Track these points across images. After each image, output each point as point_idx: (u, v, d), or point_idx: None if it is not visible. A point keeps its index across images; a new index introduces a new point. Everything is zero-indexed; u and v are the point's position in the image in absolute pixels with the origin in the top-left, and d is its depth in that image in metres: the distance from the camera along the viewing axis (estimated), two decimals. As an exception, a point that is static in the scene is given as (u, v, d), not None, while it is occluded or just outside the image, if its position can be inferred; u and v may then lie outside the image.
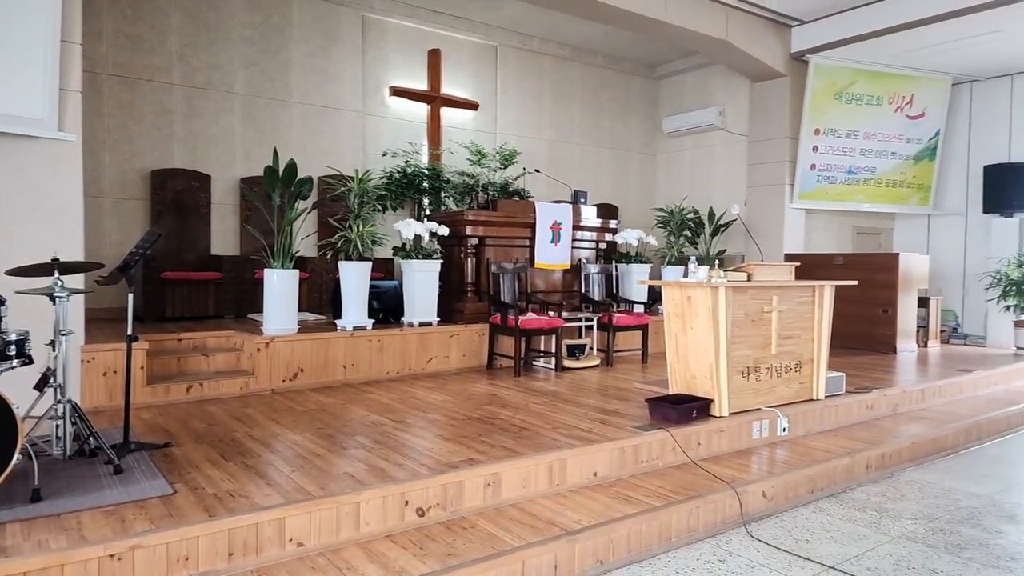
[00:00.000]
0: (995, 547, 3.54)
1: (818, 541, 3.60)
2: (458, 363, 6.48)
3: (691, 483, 3.89)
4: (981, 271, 8.76)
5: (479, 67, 9.30)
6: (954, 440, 5.26)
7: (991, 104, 9.25)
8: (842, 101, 8.86)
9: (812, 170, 8.95)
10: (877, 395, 5.58)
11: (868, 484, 4.47)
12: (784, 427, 4.82)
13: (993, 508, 4.08)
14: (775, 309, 4.91)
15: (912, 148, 9.27)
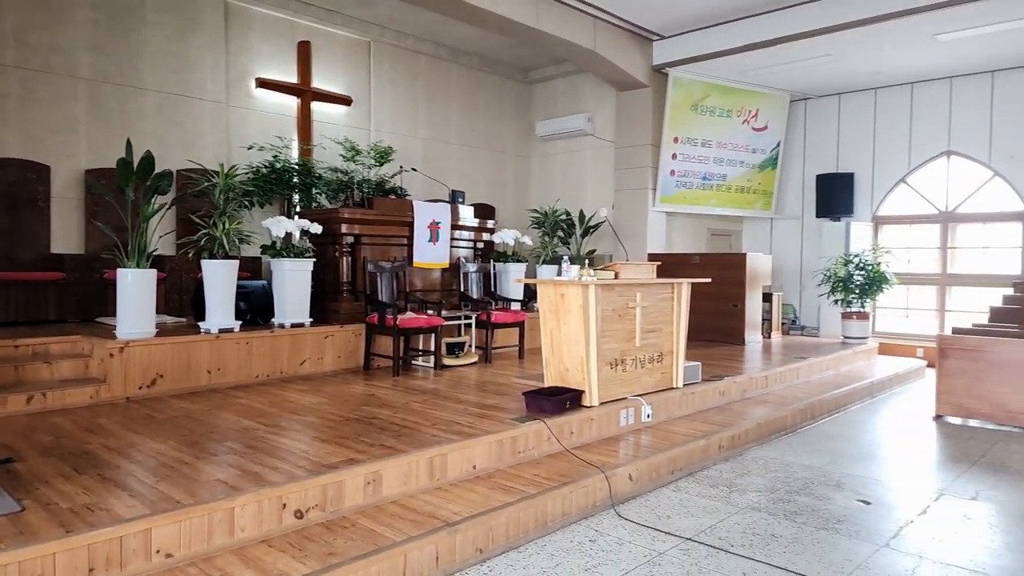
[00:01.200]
0: (825, 512, 4.03)
1: (678, 516, 3.92)
2: (334, 364, 6.34)
3: (565, 470, 4.09)
4: (814, 269, 9.83)
5: (352, 62, 9.13)
6: (792, 420, 5.90)
7: (822, 119, 10.41)
8: (698, 113, 9.60)
9: (672, 176, 9.63)
10: (728, 382, 6.13)
11: (720, 463, 4.92)
12: (648, 414, 5.18)
13: (823, 478, 4.63)
14: (639, 305, 5.25)
15: (757, 158, 10.23)
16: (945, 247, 9.52)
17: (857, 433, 5.84)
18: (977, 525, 3.84)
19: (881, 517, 3.95)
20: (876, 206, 9.93)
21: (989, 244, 9.23)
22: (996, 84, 8.85)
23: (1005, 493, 4.36)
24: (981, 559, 3.41)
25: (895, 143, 9.70)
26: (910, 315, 9.93)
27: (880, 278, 8.85)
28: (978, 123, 8.99)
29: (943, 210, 9.47)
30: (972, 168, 9.14)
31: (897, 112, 9.67)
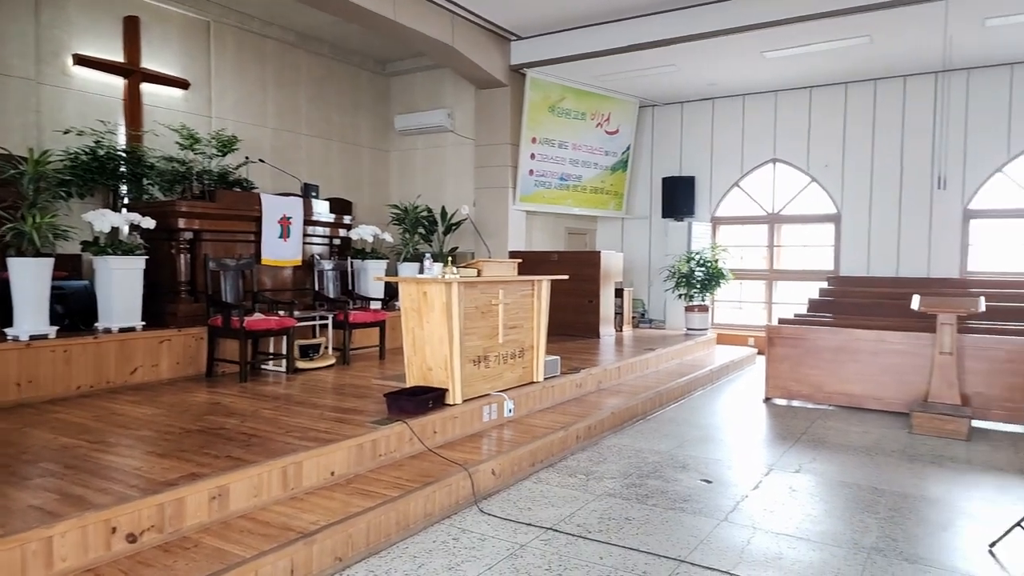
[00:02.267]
0: (672, 492, 4.29)
1: (539, 507, 3.99)
2: (171, 372, 5.80)
3: (428, 470, 4.02)
4: (661, 266, 10.49)
5: (190, 43, 8.40)
6: (643, 408, 6.23)
7: (667, 125, 11.12)
8: (555, 114, 9.88)
9: (531, 175, 9.84)
10: (585, 374, 6.36)
11: (578, 452, 5.08)
12: (510, 409, 5.24)
13: (671, 461, 4.93)
14: (501, 302, 5.29)
15: (609, 160, 10.72)
16: (772, 245, 10.54)
17: (700, 417, 6.29)
18: (801, 496, 4.26)
19: (721, 494, 4.26)
20: (714, 208, 10.79)
21: (808, 243, 10.34)
22: (813, 99, 9.92)
23: (823, 465, 4.88)
24: (804, 526, 3.78)
25: (729, 150, 10.59)
26: (743, 307, 10.89)
27: (718, 274, 9.62)
28: (798, 134, 10.04)
29: (770, 212, 10.48)
30: (794, 174, 10.19)
31: (731, 121, 10.56)
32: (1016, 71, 8.62)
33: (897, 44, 7.97)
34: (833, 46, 8.05)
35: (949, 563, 3.33)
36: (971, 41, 7.79)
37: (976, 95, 8.85)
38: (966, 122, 8.92)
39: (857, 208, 9.66)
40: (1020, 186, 8.79)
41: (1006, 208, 8.87)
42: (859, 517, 3.90)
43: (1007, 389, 5.88)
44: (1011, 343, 5.97)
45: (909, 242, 9.32)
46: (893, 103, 9.35)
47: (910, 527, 3.76)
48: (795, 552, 3.44)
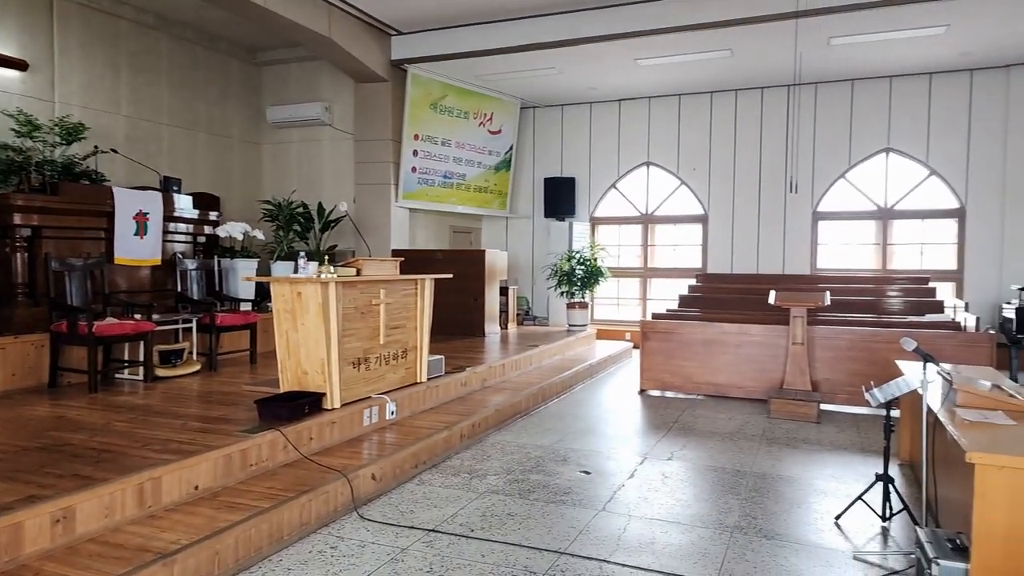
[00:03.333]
0: (554, 486, 4.36)
1: (421, 509, 3.93)
2: (6, 383, 5.18)
3: (304, 478, 3.84)
4: (544, 264, 10.70)
5: (27, 19, 7.53)
6: (527, 404, 6.32)
7: (549, 127, 11.36)
8: (437, 112, 9.81)
9: (414, 173, 9.70)
10: (469, 373, 6.35)
11: (462, 451, 5.06)
12: (392, 411, 5.12)
13: (553, 455, 5.02)
14: (383, 302, 5.16)
15: (493, 159, 10.80)
16: (646, 245, 11.05)
17: (581, 411, 6.46)
18: (672, 482, 4.48)
19: (599, 485, 4.39)
20: (593, 208, 11.15)
21: (679, 242, 10.93)
22: (682, 106, 10.49)
23: (693, 451, 5.16)
24: (676, 511, 3.97)
25: (607, 152, 10.98)
26: (621, 304, 11.34)
27: (597, 272, 9.95)
28: (669, 139, 10.58)
29: (644, 213, 10.97)
30: (665, 177, 10.73)
31: (608, 125, 10.95)
32: (856, 86, 9.56)
33: (754, 58, 8.60)
34: (699, 57, 8.55)
35: (802, 536, 3.61)
36: (818, 57, 8.55)
37: (823, 107, 9.73)
38: (814, 132, 9.78)
39: (722, 209, 10.33)
40: (859, 191, 9.76)
41: (848, 211, 9.82)
42: (724, 499, 4.15)
43: (850, 375, 6.50)
44: (853, 333, 6.61)
45: (767, 241, 10.10)
46: (752, 112, 10.09)
47: (768, 505, 4.05)
48: (667, 536, 3.61)
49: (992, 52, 8.27)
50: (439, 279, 5.90)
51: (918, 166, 9.39)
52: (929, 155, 9.27)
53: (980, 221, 9.05)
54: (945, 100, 9.15)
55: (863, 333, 6.57)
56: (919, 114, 9.28)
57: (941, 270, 9.37)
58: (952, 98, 9.12)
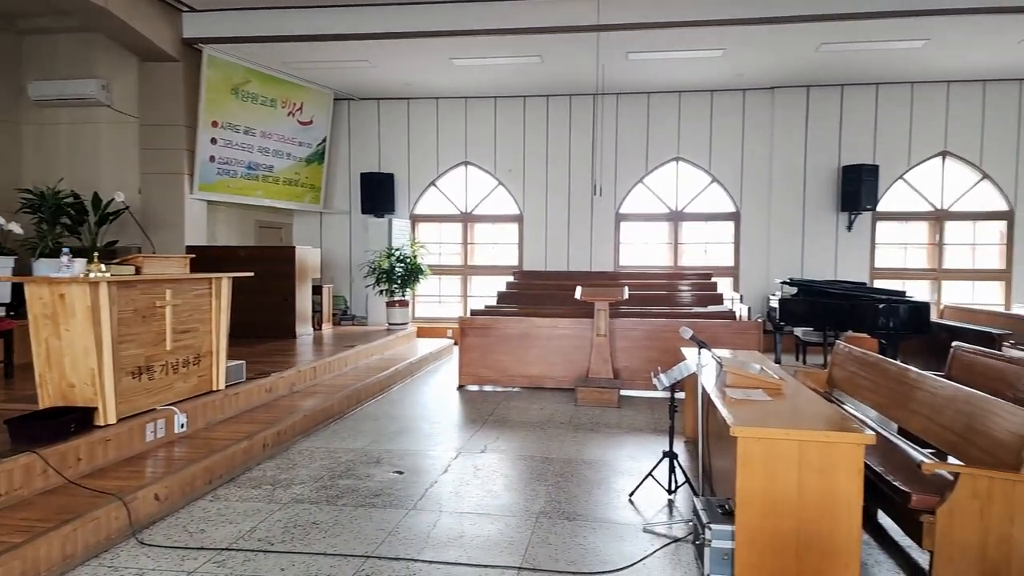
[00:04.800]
0: (364, 489, 4.22)
1: (214, 527, 3.59)
2: None
3: (68, 505, 3.35)
4: (362, 262, 10.40)
5: None
6: (340, 407, 6.07)
7: (365, 121, 11.05)
8: (238, 97, 9.10)
9: (212, 162, 8.92)
10: (275, 378, 5.96)
11: (266, 461, 4.73)
12: (183, 423, 4.65)
13: (365, 458, 4.87)
14: (169, 303, 4.66)
15: (304, 151, 10.27)
16: (466, 243, 11.17)
17: (398, 410, 6.35)
18: (484, 474, 4.54)
19: (412, 484, 4.33)
20: (413, 205, 11.06)
21: (497, 240, 11.18)
22: (498, 107, 10.75)
23: (506, 443, 5.28)
24: (486, 502, 4.03)
25: (426, 149, 10.95)
26: (442, 301, 11.36)
27: (417, 270, 9.88)
28: (486, 139, 10.79)
29: (463, 211, 11.09)
30: (483, 177, 10.93)
31: (427, 122, 10.91)
32: (652, 98, 10.42)
33: (562, 66, 9.04)
34: (512, 61, 8.81)
35: (600, 515, 3.83)
36: (618, 70, 9.19)
37: (624, 116, 10.49)
38: (616, 139, 10.52)
39: (536, 209, 10.76)
40: (655, 195, 10.67)
41: (646, 213, 10.70)
42: (532, 486, 4.29)
43: (646, 362, 7.06)
44: (648, 324, 7.19)
45: (577, 240, 10.68)
46: (562, 118, 10.61)
47: (572, 488, 4.25)
48: (476, 528, 3.64)
49: (760, 74, 9.45)
50: (239, 278, 5.46)
51: (702, 174, 10.48)
52: (711, 164, 10.38)
53: (751, 223, 10.31)
54: (724, 115, 10.30)
55: (657, 324, 7.18)
56: (703, 127, 10.36)
57: (722, 266, 10.54)
58: (729, 114, 10.29)
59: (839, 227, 10.02)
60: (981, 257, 10.03)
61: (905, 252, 10.20)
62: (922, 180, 9.98)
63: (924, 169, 9.93)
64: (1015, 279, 9.75)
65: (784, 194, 10.13)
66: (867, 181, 9.56)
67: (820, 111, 10.00)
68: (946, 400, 3.42)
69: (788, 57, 8.62)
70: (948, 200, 9.96)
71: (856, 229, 9.96)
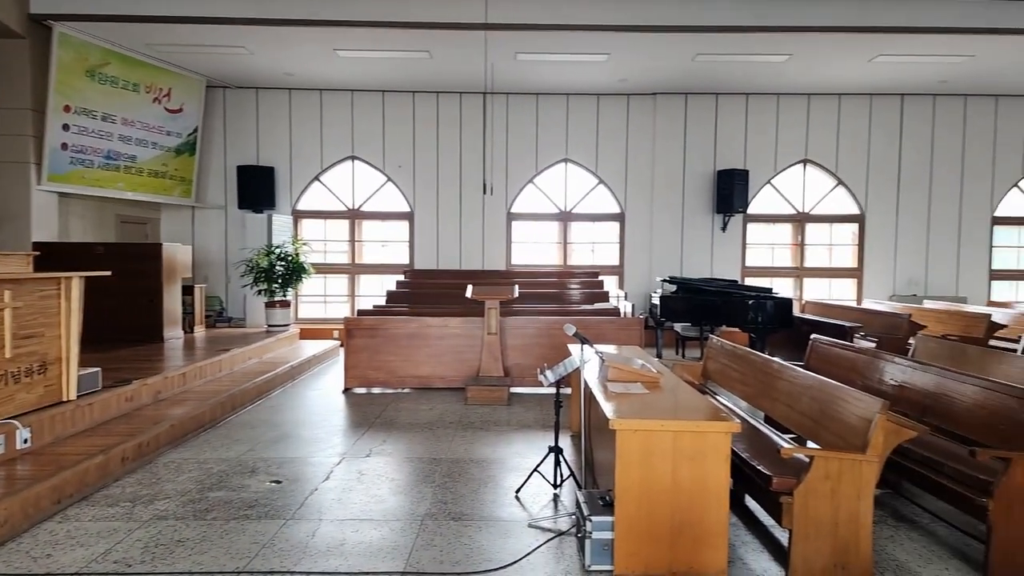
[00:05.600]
0: (237, 501, 3.96)
1: (62, 552, 3.24)
2: None
3: None
4: (239, 260, 9.83)
5: None
6: (212, 415, 5.69)
7: (242, 110, 10.45)
8: (95, 81, 8.31)
9: (64, 150, 8.09)
10: (138, 385, 5.49)
11: (125, 477, 4.33)
12: (26, 438, 4.17)
13: (240, 468, 4.58)
14: (8, 306, 4.17)
15: (173, 141, 9.55)
16: (353, 240, 10.84)
17: (277, 416, 6.04)
18: (368, 479, 4.39)
19: (291, 493, 4.12)
20: (295, 200, 10.59)
21: (388, 238, 10.92)
22: (386, 102, 10.50)
23: (392, 445, 5.15)
24: (370, 507, 3.89)
25: (309, 143, 10.51)
26: (328, 302, 10.97)
27: (300, 268, 9.46)
28: (374, 134, 10.52)
29: (351, 208, 10.75)
30: (371, 173, 10.65)
31: (310, 114, 10.48)
32: (541, 99, 10.57)
33: (452, 63, 8.97)
34: (399, 55, 8.64)
35: (487, 514, 3.80)
36: (508, 70, 9.25)
37: (514, 116, 10.57)
38: (507, 138, 10.59)
39: (427, 207, 10.62)
40: (545, 195, 10.83)
41: (537, 212, 10.84)
42: (419, 488, 4.20)
43: (536, 359, 7.13)
44: (539, 322, 7.27)
45: (469, 239, 10.65)
46: (452, 116, 10.54)
47: (459, 488, 4.20)
48: (358, 535, 3.50)
49: (643, 81, 9.82)
50: (94, 277, 4.98)
51: (590, 175, 10.76)
52: (598, 166, 10.68)
53: (635, 224, 10.70)
54: (610, 119, 10.63)
55: (547, 321, 7.28)
56: (590, 129, 10.64)
57: (608, 265, 10.87)
58: (615, 118, 10.62)
59: (715, 228, 10.61)
60: (837, 256, 10.97)
61: (772, 252, 10.96)
62: (787, 185, 10.77)
63: (788, 175, 10.72)
64: (866, 277, 10.74)
65: (665, 196, 10.59)
66: (739, 185, 10.19)
67: (697, 118, 10.54)
68: (803, 388, 3.67)
69: (668, 65, 9.02)
70: (809, 204, 10.80)
71: (729, 230, 10.59)
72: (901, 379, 4.07)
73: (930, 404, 3.76)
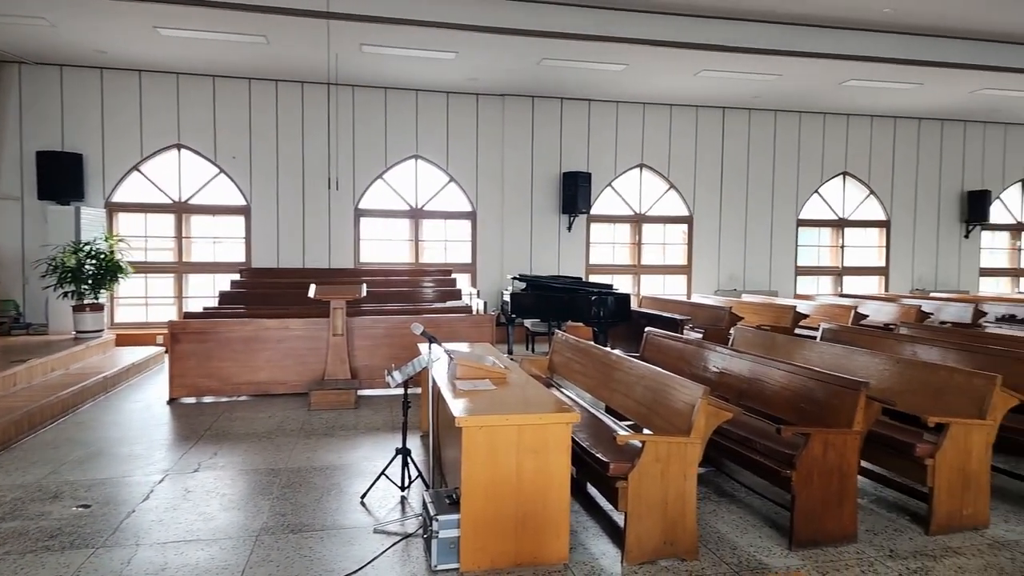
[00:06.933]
0: (36, 531, 3.46)
1: None
2: None
3: None
4: (40, 258, 8.63)
5: None
6: (6, 435, 4.94)
7: (43, 89, 9.20)
8: None
9: None
10: (-97, 405, 4.62)
11: None
12: None
13: (39, 493, 4.01)
14: None
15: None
16: (180, 237, 9.94)
17: (86, 433, 5.36)
18: (196, 495, 4.02)
19: (102, 517, 3.66)
20: (110, 192, 9.50)
21: (220, 235, 10.14)
22: (218, 88, 9.74)
23: (225, 458, 4.76)
24: (196, 527, 3.56)
25: (127, 128, 9.49)
26: (151, 304, 9.97)
27: (115, 268, 8.50)
28: (204, 122, 9.71)
29: (177, 200, 9.86)
30: (202, 164, 9.82)
31: (127, 97, 9.46)
32: (390, 94, 10.34)
33: (292, 50, 8.51)
34: (232, 38, 8.03)
35: (330, 522, 3.62)
36: (353, 61, 8.94)
37: (361, 110, 10.25)
38: (354, 132, 10.25)
39: (266, 201, 10.00)
40: (395, 191, 10.62)
41: (386, 209, 10.60)
42: (254, 502, 3.91)
43: (387, 359, 6.94)
44: (388, 321, 7.10)
45: (313, 235, 10.18)
46: (293, 105, 10.01)
47: (299, 499, 3.97)
48: (182, 557, 3.19)
49: (492, 81, 9.94)
50: None
51: (441, 173, 10.70)
52: (449, 164, 10.66)
53: (487, 222, 10.82)
54: (460, 117, 10.64)
55: (398, 320, 7.12)
56: (440, 127, 10.59)
57: (461, 263, 10.90)
58: (465, 116, 10.65)
59: (561, 227, 11.00)
60: (670, 255, 11.81)
61: (613, 250, 11.58)
62: (625, 188, 11.42)
63: (627, 178, 11.37)
64: (695, 273, 11.67)
65: (515, 196, 10.81)
66: (582, 187, 10.64)
67: (544, 121, 10.87)
68: (637, 378, 3.88)
69: (515, 67, 9.20)
70: (645, 206, 11.53)
71: (575, 230, 11.03)
72: (722, 366, 4.44)
73: (745, 388, 4.13)
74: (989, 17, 8.00)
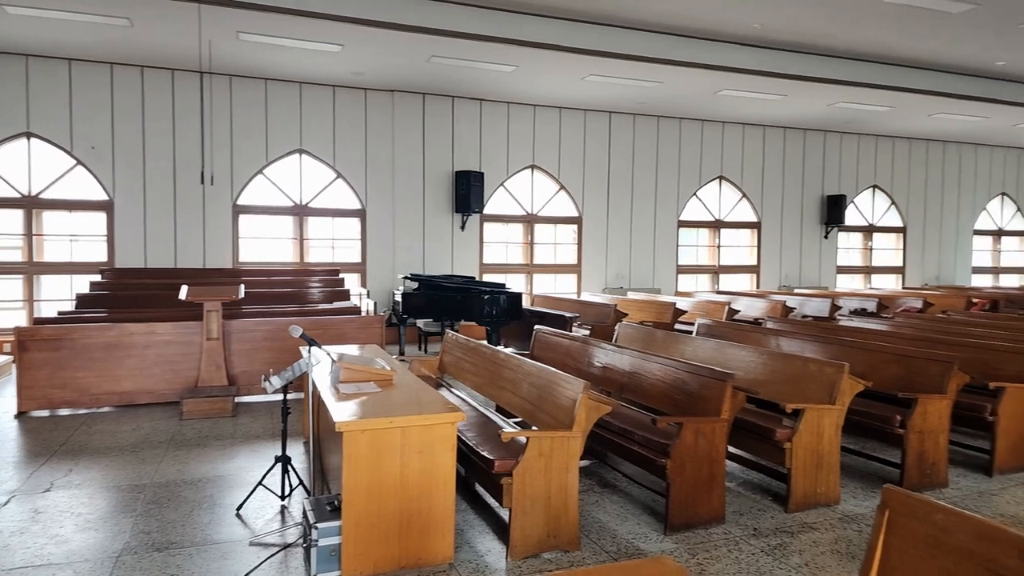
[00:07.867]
0: None
1: None
2: None
3: None
4: None
5: None
6: None
7: None
8: None
9: None
10: None
11: None
12: None
13: None
14: None
15: None
16: (30, 234, 9.01)
17: (-86, 455, 4.75)
18: (47, 516, 3.66)
19: (-73, 550, 3.24)
20: (-54, 184, 8.47)
21: (80, 232, 9.27)
22: (74, 72, 8.90)
23: (82, 475, 4.36)
24: (47, 551, 3.24)
25: (-34, 114, 8.50)
26: None
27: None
28: (59, 109, 8.85)
29: (26, 195, 8.93)
30: (58, 155, 8.95)
31: (-34, 79, 8.47)
32: (271, 86, 9.87)
33: (159, 35, 7.92)
34: (90, 19, 7.36)
35: (201, 538, 3.40)
36: (229, 50, 8.45)
37: (239, 101, 9.72)
38: (231, 124, 9.70)
39: (131, 196, 9.26)
40: (278, 187, 10.16)
41: (268, 205, 10.11)
42: (115, 521, 3.61)
43: (268, 364, 6.63)
44: (270, 323, 6.77)
45: (185, 233, 9.54)
46: (161, 93, 9.32)
47: (167, 515, 3.70)
48: (26, 590, 2.88)
49: (380, 76, 9.72)
50: None
51: (327, 169, 10.36)
52: (336, 159, 10.33)
53: (377, 220, 10.58)
54: (347, 111, 10.33)
55: (280, 323, 6.81)
56: (326, 121, 10.24)
57: (350, 263, 10.59)
58: (353, 110, 10.36)
59: (454, 226, 10.96)
60: (561, 254, 12.07)
61: (506, 249, 11.68)
62: (518, 188, 11.54)
63: (519, 179, 11.50)
64: (584, 272, 11.99)
65: (407, 194, 10.65)
66: (475, 186, 10.65)
67: (435, 118, 10.77)
68: (524, 376, 3.92)
69: (404, 63, 9.05)
70: (537, 206, 11.72)
71: (468, 229, 11.02)
72: (606, 361, 4.58)
73: (627, 382, 4.29)
74: (848, 36, 8.77)
